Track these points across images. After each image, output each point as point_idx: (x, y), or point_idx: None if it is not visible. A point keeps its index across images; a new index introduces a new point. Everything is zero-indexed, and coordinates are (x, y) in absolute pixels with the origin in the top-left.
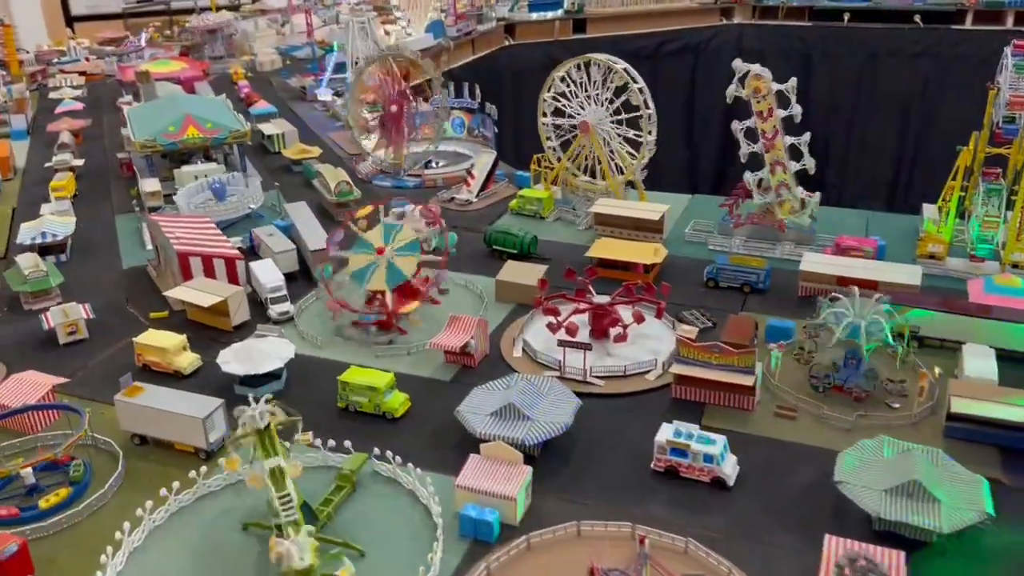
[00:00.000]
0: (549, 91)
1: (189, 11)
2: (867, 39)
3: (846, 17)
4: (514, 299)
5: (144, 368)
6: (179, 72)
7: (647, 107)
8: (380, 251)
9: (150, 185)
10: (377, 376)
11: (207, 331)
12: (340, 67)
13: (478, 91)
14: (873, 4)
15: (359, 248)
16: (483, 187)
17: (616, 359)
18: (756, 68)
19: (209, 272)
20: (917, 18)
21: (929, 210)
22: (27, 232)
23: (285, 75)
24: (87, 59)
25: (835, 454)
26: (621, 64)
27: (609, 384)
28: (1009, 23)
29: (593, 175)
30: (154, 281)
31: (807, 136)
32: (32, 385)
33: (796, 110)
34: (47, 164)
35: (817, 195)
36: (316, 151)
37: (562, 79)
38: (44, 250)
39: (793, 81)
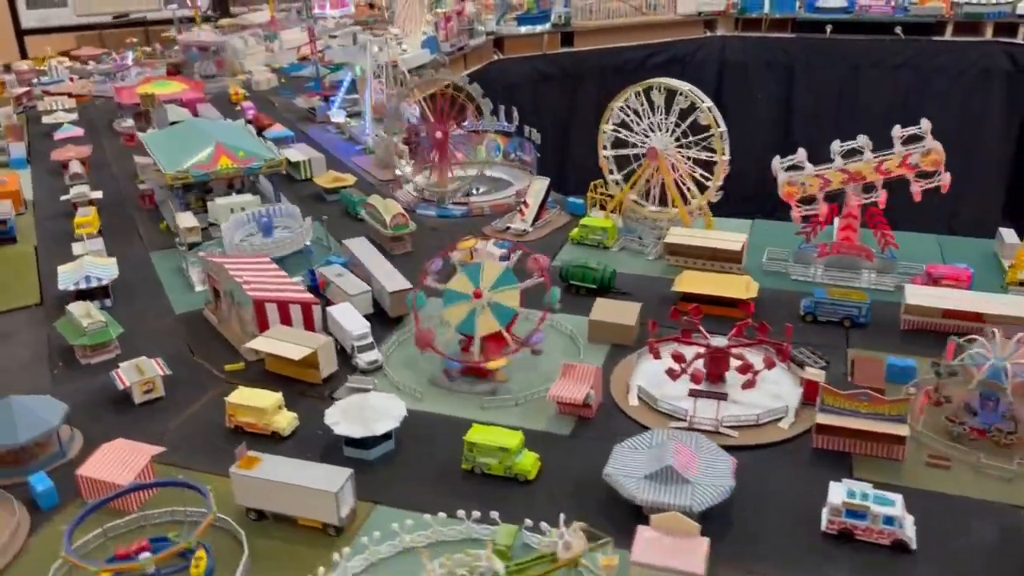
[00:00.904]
0: (608, 122)
1: (166, 22)
2: (849, 50)
3: (828, 29)
4: (608, 340)
5: (236, 430)
6: (180, 93)
7: (718, 125)
8: (477, 295)
9: (187, 220)
10: (507, 436)
11: (291, 384)
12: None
13: (516, 113)
14: (855, 16)
15: (452, 300)
16: (537, 216)
17: (741, 407)
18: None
19: (285, 319)
20: (898, 30)
21: (1008, 234)
22: (68, 276)
23: (288, 95)
24: (71, 79)
25: (1005, 507)
26: (686, 86)
27: (742, 434)
28: (988, 34)
29: (658, 202)
30: (216, 328)
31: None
32: (127, 456)
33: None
34: (63, 197)
35: None
36: (350, 179)
37: (621, 108)
38: (84, 295)
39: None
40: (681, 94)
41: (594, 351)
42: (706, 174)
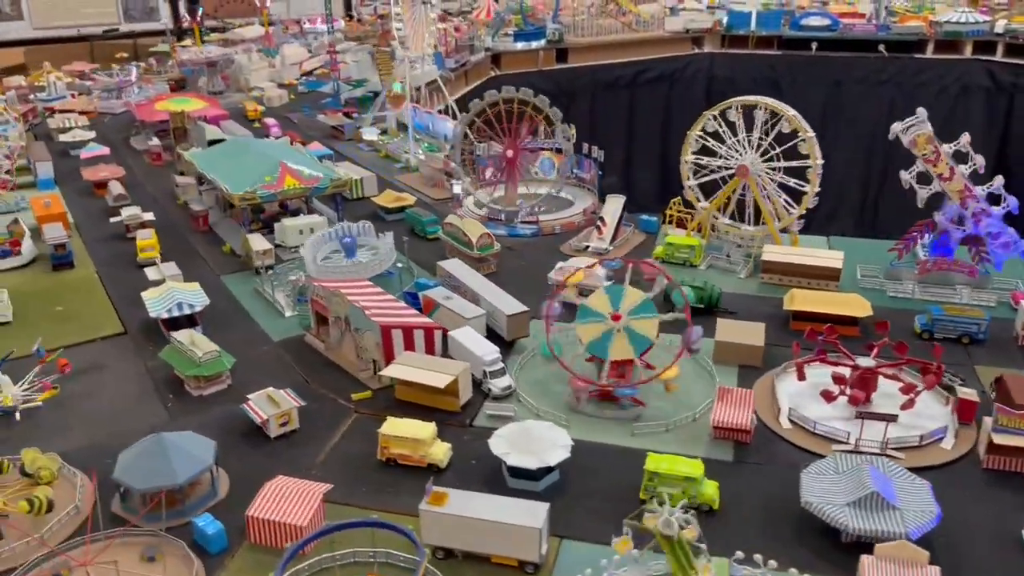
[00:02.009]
0: (699, 129)
1: (151, 34)
2: (833, 67)
3: (814, 46)
4: (736, 360)
5: (388, 462)
6: (203, 111)
7: (817, 157)
8: (615, 318)
9: (259, 243)
10: (688, 464)
11: (425, 412)
12: (364, 101)
13: (573, 130)
14: (839, 34)
15: (586, 317)
16: (614, 234)
17: (900, 428)
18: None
19: (409, 345)
20: (882, 47)
21: None
22: (157, 303)
23: (308, 111)
24: (73, 95)
25: None
26: (791, 111)
27: (908, 456)
28: (967, 52)
29: (738, 219)
30: (324, 354)
31: (1000, 180)
32: (295, 495)
33: (979, 161)
34: (114, 219)
35: None
36: (411, 199)
37: (714, 118)
38: (173, 323)
39: (966, 137)
40: (760, 108)
41: (722, 372)
42: (789, 200)
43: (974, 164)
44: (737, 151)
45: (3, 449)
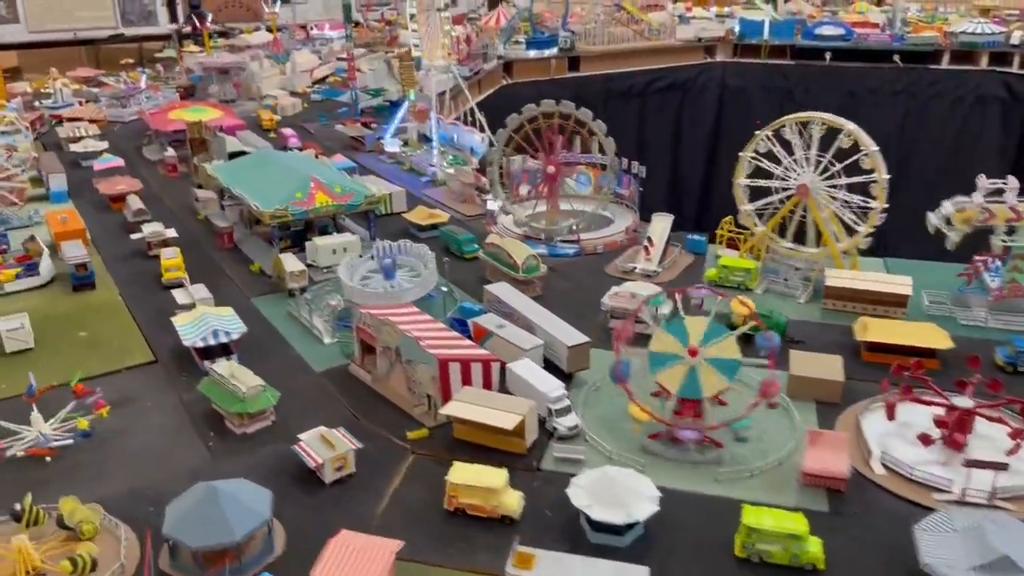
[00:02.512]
0: (751, 150)
1: (154, 38)
2: (847, 77)
3: (828, 56)
4: (812, 396)
5: (456, 512)
6: (219, 120)
7: (882, 172)
8: (693, 353)
9: (292, 263)
10: (792, 519)
11: (486, 454)
12: (382, 111)
13: (612, 144)
14: (854, 44)
15: (661, 364)
16: (662, 255)
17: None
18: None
19: (466, 379)
20: (896, 58)
21: None
22: (191, 330)
23: (324, 120)
24: (80, 103)
25: None
26: (851, 124)
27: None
28: (983, 63)
29: (796, 240)
30: (371, 387)
31: None
32: (364, 553)
33: (1013, 185)
34: (135, 236)
35: None
36: (444, 216)
37: (768, 138)
38: (206, 351)
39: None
40: (816, 124)
41: (798, 409)
42: (855, 219)
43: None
44: (794, 170)
45: (36, 494)
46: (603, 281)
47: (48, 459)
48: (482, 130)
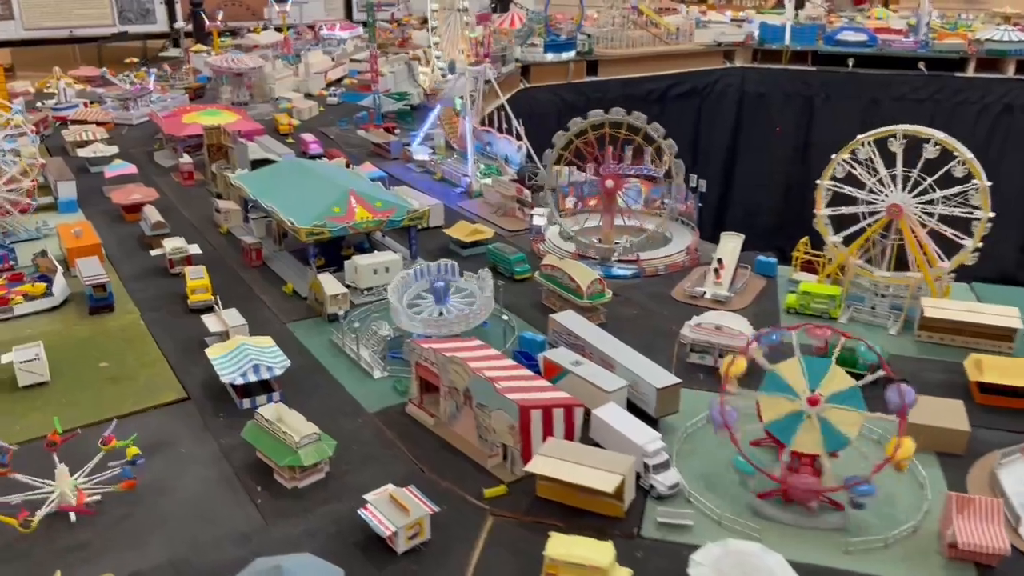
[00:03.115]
0: (830, 178)
1: (151, 36)
2: (870, 84)
3: (850, 62)
4: (932, 447)
5: None
6: (236, 124)
7: (988, 210)
8: (813, 401)
9: (332, 285)
10: None
11: (576, 516)
12: (404, 116)
13: (668, 155)
14: (878, 50)
15: (774, 388)
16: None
17: None
18: None
19: (548, 427)
20: (921, 65)
21: None
22: (229, 365)
23: (344, 125)
24: (85, 104)
25: None
26: (940, 134)
27: None
28: (1010, 72)
29: (886, 265)
30: (432, 431)
31: None
32: None
33: None
34: (155, 252)
35: None
36: (488, 231)
37: (845, 161)
38: (246, 389)
39: None
40: (930, 143)
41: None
42: (957, 234)
43: None
44: (880, 191)
45: (66, 569)
46: (670, 307)
47: (73, 517)
48: (518, 138)
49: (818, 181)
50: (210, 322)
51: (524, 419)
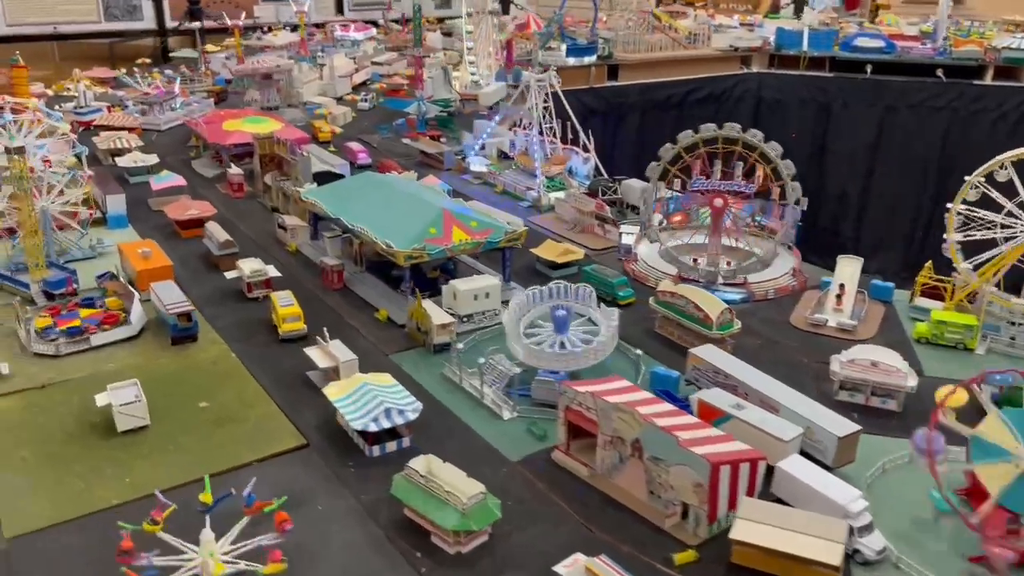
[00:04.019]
0: (960, 201)
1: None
2: (887, 91)
3: (868, 69)
4: None
5: None
6: (280, 132)
7: None
8: None
9: (439, 314)
10: None
11: None
12: (445, 123)
13: (791, 167)
14: (896, 57)
15: (985, 455)
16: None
17: None
18: None
19: (733, 485)
20: (940, 72)
21: None
22: (355, 408)
23: (385, 132)
24: (109, 108)
25: None
26: None
27: None
28: None
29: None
30: (588, 482)
31: None
32: None
33: None
34: (230, 274)
35: None
36: (579, 252)
37: (976, 186)
38: (373, 436)
39: None
40: None
41: None
42: None
43: None
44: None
45: None
46: (793, 336)
47: None
48: (585, 149)
49: (949, 205)
50: (315, 356)
51: (714, 476)
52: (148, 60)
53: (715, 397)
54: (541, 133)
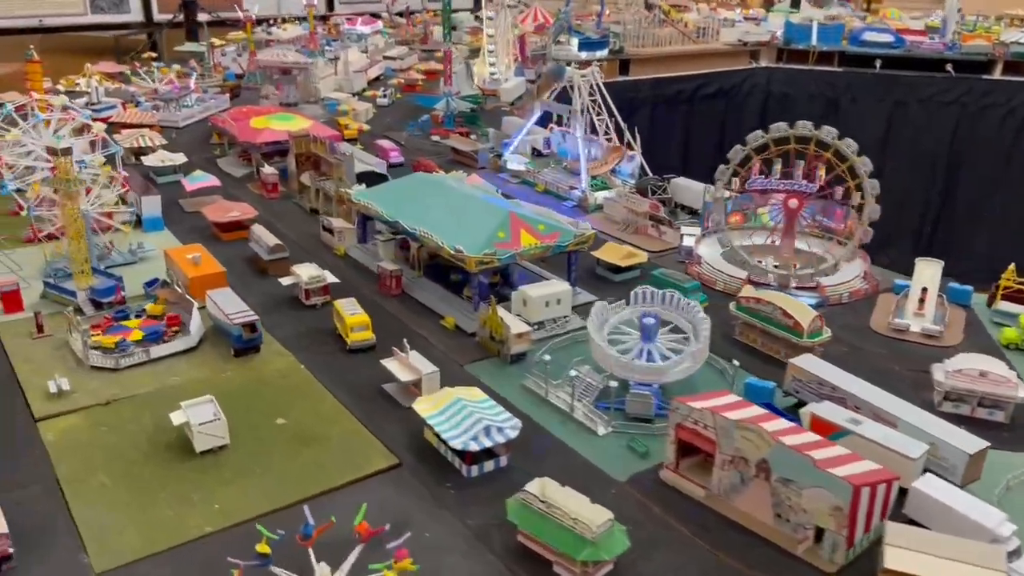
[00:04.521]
0: None
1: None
2: (896, 86)
3: (878, 63)
4: None
5: None
6: (311, 130)
7: None
8: None
9: (516, 323)
10: None
11: None
12: (472, 120)
13: (868, 164)
14: (905, 51)
15: None
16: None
17: None
18: None
19: (871, 508)
20: (949, 67)
21: None
22: (451, 425)
23: (412, 129)
24: (123, 105)
25: None
26: None
27: None
28: None
29: None
30: (703, 503)
31: None
32: None
33: None
34: (286, 280)
35: None
36: (643, 255)
37: None
38: (472, 456)
39: None
40: None
41: None
42: None
43: None
44: None
45: None
46: (877, 342)
47: None
48: (630, 148)
49: None
50: (394, 368)
51: (855, 500)
52: (154, 54)
53: (829, 411)
54: (587, 131)
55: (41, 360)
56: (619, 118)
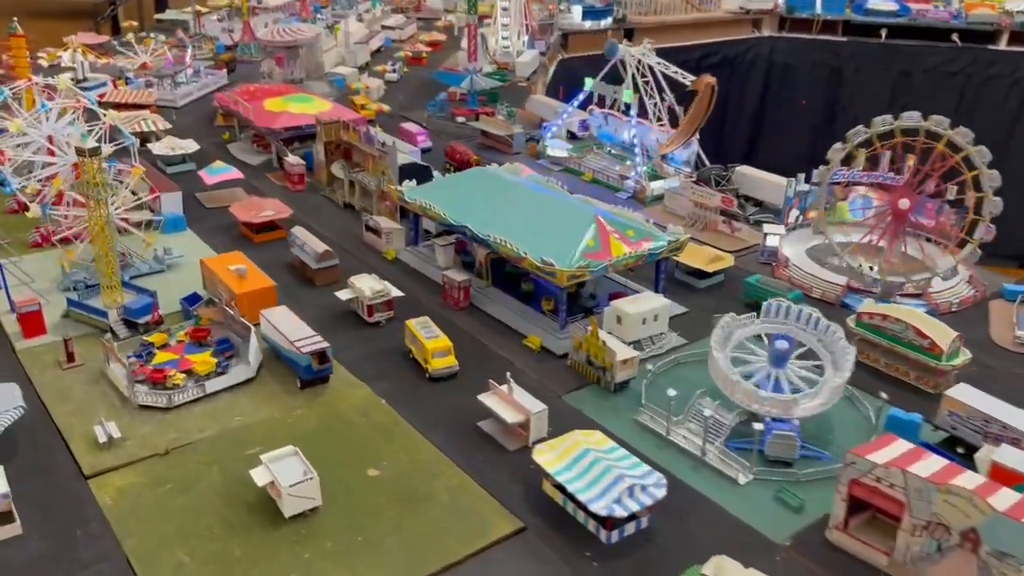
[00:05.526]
0: None
1: None
2: (901, 56)
3: (883, 33)
4: None
5: None
6: (330, 113)
7: None
8: None
9: (621, 349)
10: None
11: None
12: (494, 98)
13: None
14: (910, 20)
15: None
16: None
17: None
18: None
19: None
20: (955, 37)
21: None
22: (587, 487)
23: (434, 109)
24: (114, 82)
25: None
26: None
27: None
28: None
29: None
30: (888, 572)
31: None
32: None
33: None
34: (344, 295)
35: None
36: (729, 258)
37: None
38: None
39: None
40: None
41: None
42: None
43: None
44: None
45: None
46: (1008, 360)
47: None
48: (674, 125)
49: None
50: (496, 406)
51: None
52: (134, 23)
53: (1013, 458)
54: (639, 115)
55: (80, 399)
56: (672, 101)
